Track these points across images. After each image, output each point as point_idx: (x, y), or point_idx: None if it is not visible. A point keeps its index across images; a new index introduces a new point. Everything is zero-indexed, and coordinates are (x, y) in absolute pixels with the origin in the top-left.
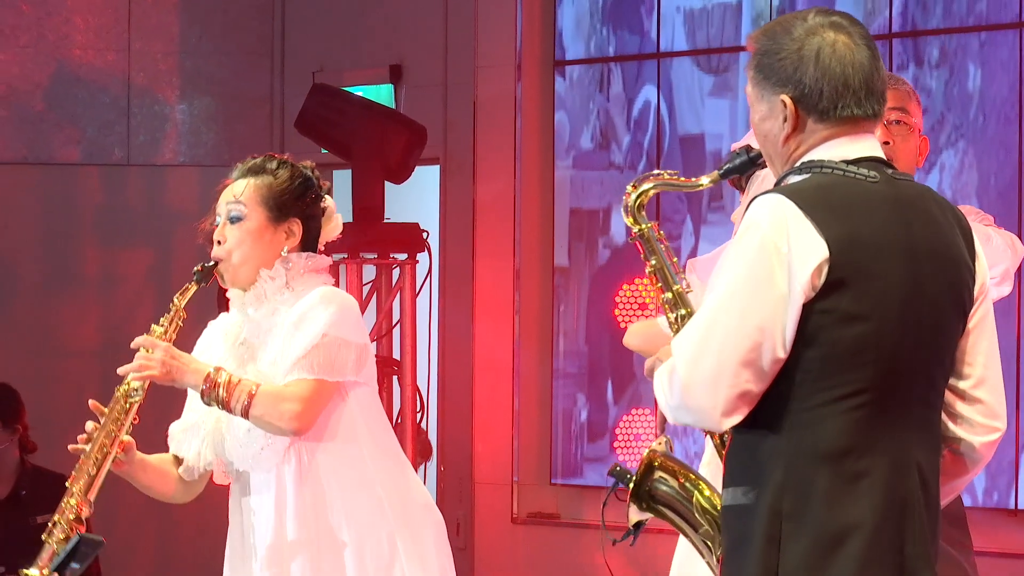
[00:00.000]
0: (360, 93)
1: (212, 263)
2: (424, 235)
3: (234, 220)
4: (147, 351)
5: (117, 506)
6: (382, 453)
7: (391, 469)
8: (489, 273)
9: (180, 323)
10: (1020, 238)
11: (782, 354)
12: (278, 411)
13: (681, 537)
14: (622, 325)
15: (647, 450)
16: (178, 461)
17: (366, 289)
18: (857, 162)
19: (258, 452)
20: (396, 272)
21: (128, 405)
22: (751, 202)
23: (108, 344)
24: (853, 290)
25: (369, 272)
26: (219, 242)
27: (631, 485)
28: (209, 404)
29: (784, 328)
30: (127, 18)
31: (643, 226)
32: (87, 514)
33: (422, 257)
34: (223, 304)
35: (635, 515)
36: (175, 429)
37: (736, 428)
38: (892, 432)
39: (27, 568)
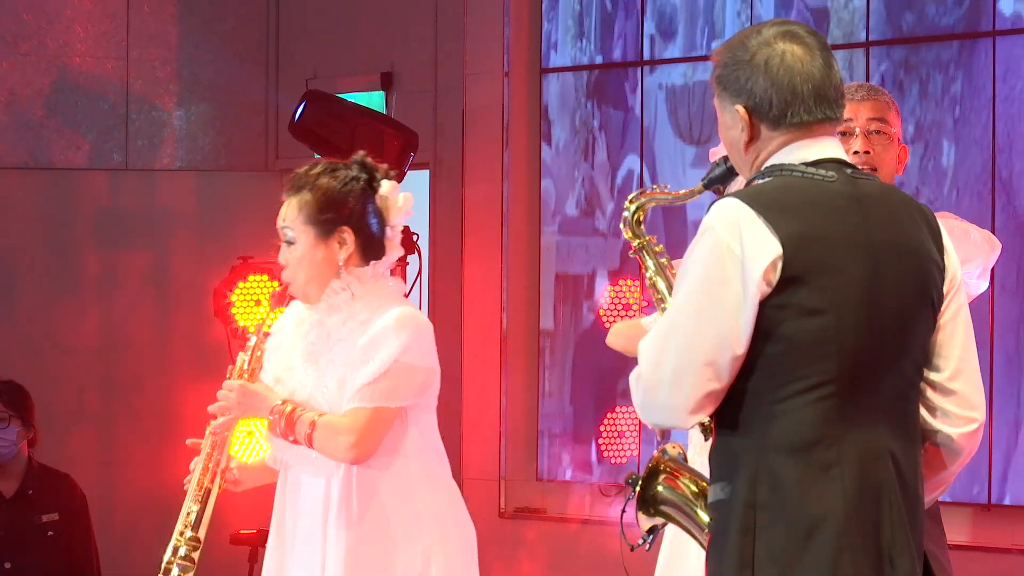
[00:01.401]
0: (352, 99)
1: (283, 287)
2: (414, 237)
3: (288, 243)
4: (227, 391)
5: (114, 502)
6: (429, 473)
7: (436, 490)
8: (477, 275)
9: (261, 350)
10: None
11: (740, 351)
12: (334, 444)
13: (665, 538)
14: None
15: (653, 456)
16: None
17: None
18: (817, 163)
19: (313, 458)
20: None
21: (217, 441)
22: (710, 205)
23: (107, 344)
24: (810, 285)
25: None
26: (285, 264)
27: (637, 492)
28: (276, 435)
29: (740, 327)
30: (126, 27)
31: (642, 239)
32: (198, 550)
33: (412, 259)
34: None
35: (645, 522)
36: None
37: (716, 426)
38: (861, 422)
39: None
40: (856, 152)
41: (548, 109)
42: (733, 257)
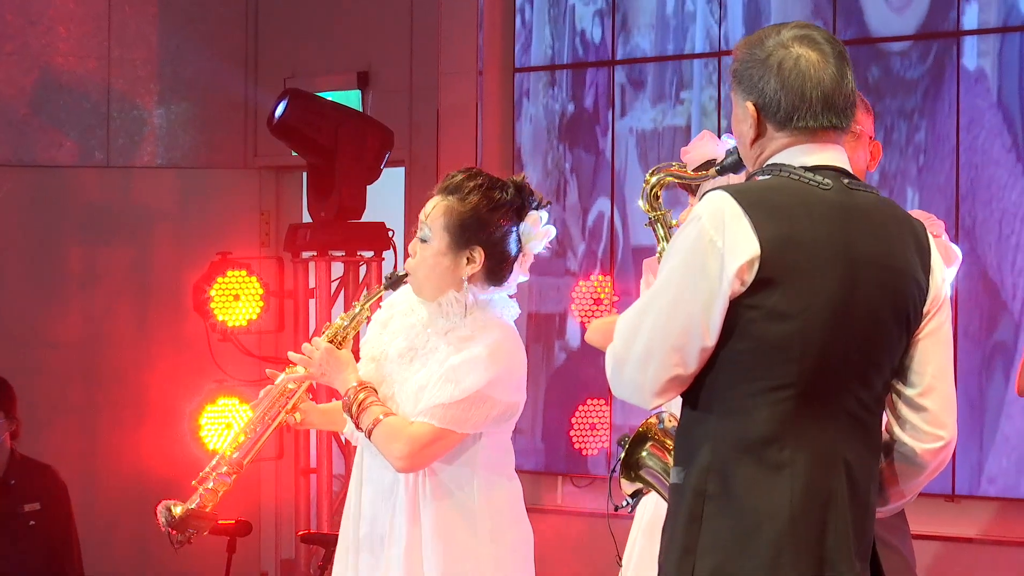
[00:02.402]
0: (330, 98)
1: (403, 273)
2: (390, 234)
3: (423, 239)
4: (313, 348)
5: (95, 492)
6: (493, 480)
7: (496, 498)
8: None
9: (366, 320)
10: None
11: (708, 343)
12: (389, 447)
13: (632, 532)
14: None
15: (645, 422)
16: None
17: (334, 285)
18: (816, 169)
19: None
20: (363, 269)
21: (285, 397)
22: (702, 196)
23: (88, 337)
24: (782, 289)
25: (337, 269)
26: (412, 254)
27: (622, 456)
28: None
29: (710, 319)
30: (107, 27)
31: (658, 212)
32: (236, 474)
33: (388, 255)
34: None
35: (627, 485)
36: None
37: (681, 411)
38: (818, 428)
39: (174, 504)
40: None
41: (520, 151)
42: (714, 249)
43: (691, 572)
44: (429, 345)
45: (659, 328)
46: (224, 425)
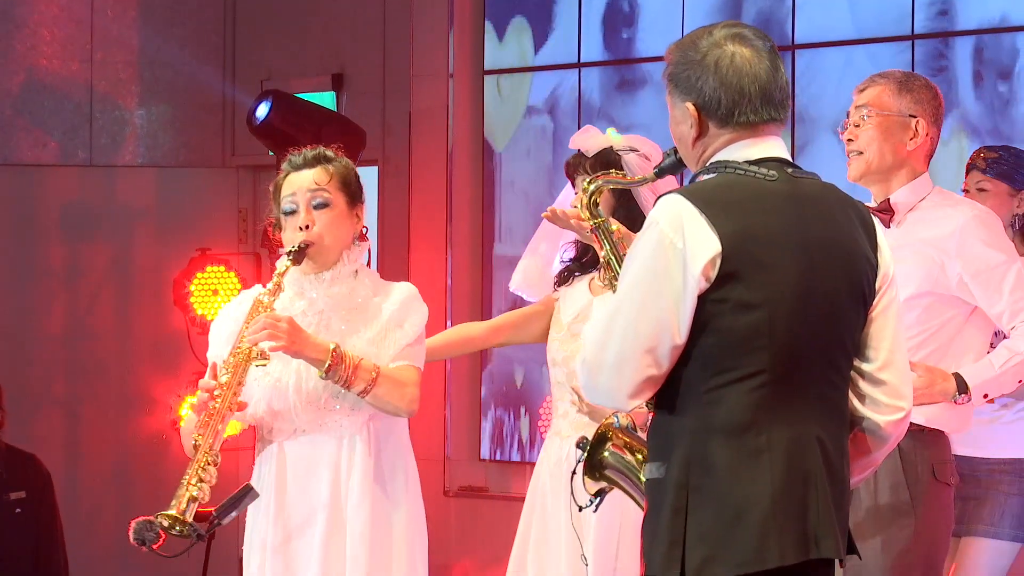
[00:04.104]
0: (306, 99)
1: (304, 245)
2: (364, 230)
3: (319, 206)
4: (276, 321)
5: (78, 481)
6: (407, 436)
7: (412, 480)
8: (424, 264)
9: (276, 296)
10: None
11: (679, 341)
12: (401, 394)
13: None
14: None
15: (602, 423)
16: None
17: None
18: (760, 162)
19: (339, 417)
20: None
21: (246, 367)
22: (657, 199)
23: (72, 331)
24: (745, 281)
25: None
26: (307, 227)
27: (584, 458)
28: (326, 378)
29: (679, 318)
30: (90, 31)
31: (598, 220)
32: (217, 463)
33: None
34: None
35: (591, 485)
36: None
37: (655, 408)
38: (791, 411)
39: (164, 510)
40: (850, 140)
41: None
42: (675, 252)
43: (681, 563)
44: (346, 306)
45: (630, 333)
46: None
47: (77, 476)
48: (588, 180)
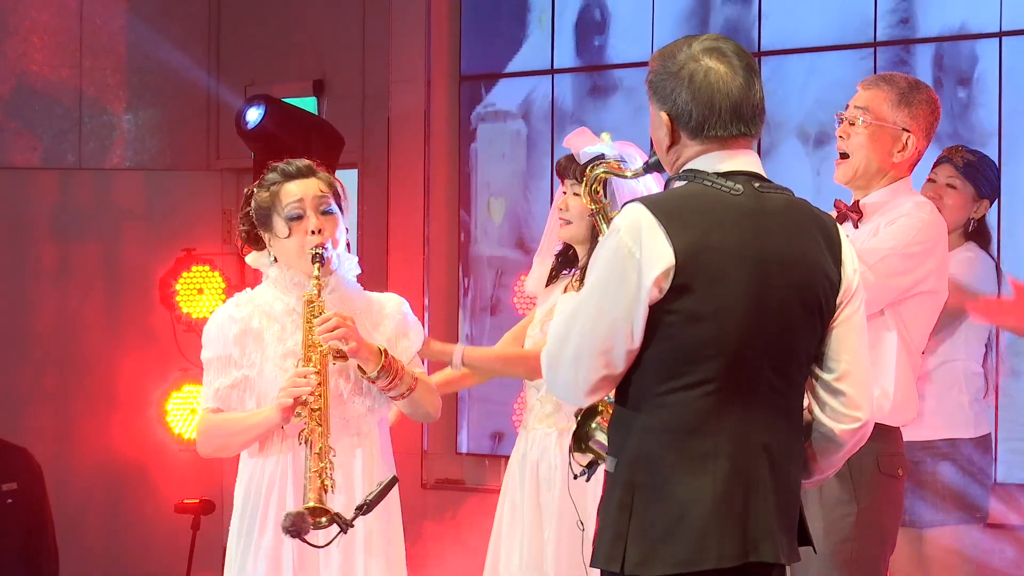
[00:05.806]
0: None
1: (322, 249)
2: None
3: (327, 213)
4: (345, 320)
5: (68, 473)
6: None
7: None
8: (401, 266)
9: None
10: None
11: (632, 346)
12: (432, 400)
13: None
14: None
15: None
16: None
17: None
18: (729, 175)
19: (358, 416)
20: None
21: (327, 365)
22: (622, 206)
23: (62, 328)
24: (698, 293)
25: None
26: (318, 231)
27: (575, 428)
28: (375, 379)
29: (633, 324)
30: (79, 38)
31: (599, 205)
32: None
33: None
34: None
35: (580, 456)
36: (223, 384)
37: (615, 405)
38: (738, 418)
39: (307, 503)
40: (840, 137)
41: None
42: (632, 260)
43: (622, 557)
44: (346, 309)
45: (586, 334)
46: (190, 411)
47: (66, 469)
48: (589, 167)
